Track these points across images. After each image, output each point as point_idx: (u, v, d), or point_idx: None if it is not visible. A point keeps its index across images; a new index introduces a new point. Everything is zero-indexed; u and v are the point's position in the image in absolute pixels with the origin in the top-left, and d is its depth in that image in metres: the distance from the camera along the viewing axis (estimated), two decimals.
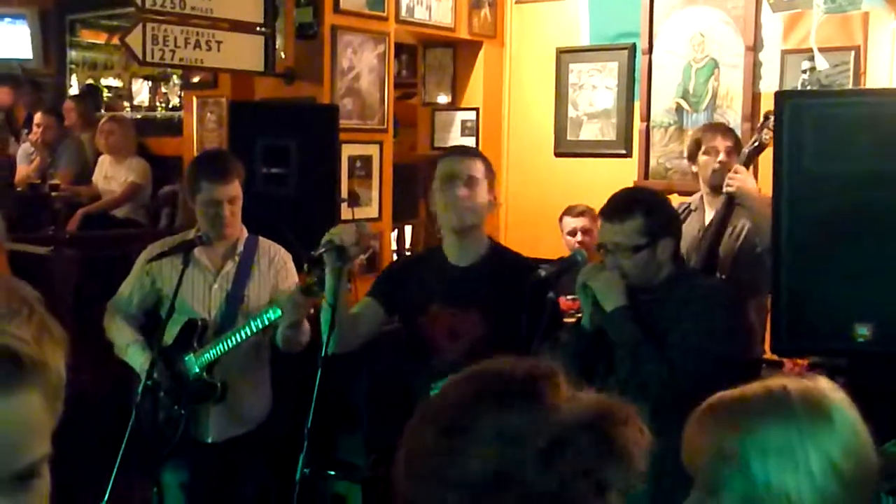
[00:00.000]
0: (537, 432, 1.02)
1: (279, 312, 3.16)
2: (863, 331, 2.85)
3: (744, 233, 3.99)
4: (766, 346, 4.00)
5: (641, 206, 2.86)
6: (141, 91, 8.76)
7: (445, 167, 3.08)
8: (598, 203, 3.11)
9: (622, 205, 2.88)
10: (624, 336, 2.77)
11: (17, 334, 0.81)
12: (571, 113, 6.08)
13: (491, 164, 3.22)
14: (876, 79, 4.83)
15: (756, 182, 3.94)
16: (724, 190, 3.90)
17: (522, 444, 1.02)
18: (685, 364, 2.67)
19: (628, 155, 5.81)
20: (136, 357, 3.39)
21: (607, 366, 2.86)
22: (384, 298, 3.13)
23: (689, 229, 4.01)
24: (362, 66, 5.41)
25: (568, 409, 1.05)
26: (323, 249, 2.83)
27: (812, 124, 2.97)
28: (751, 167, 4.01)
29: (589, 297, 2.87)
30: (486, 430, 1.03)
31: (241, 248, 3.51)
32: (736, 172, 3.86)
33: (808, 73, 4.91)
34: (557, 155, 6.14)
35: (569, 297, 4.68)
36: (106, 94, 8.63)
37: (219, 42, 4.96)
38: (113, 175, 6.47)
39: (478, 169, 3.06)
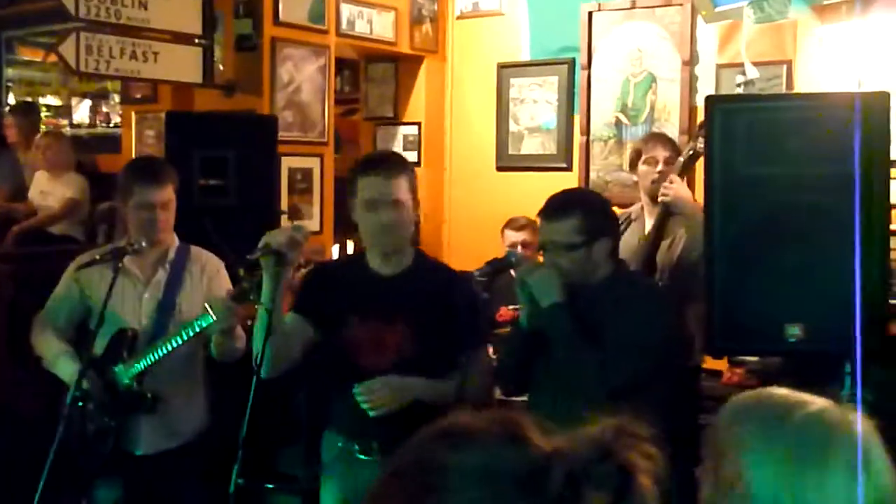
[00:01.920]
0: (540, 474, 0.83)
1: (210, 320, 3.10)
2: (794, 330, 2.88)
3: (681, 242, 4.03)
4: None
5: (578, 206, 2.88)
6: (80, 109, 8.64)
7: (370, 189, 2.85)
8: None
9: (559, 204, 2.90)
10: (559, 332, 2.78)
11: None
12: (513, 127, 6.11)
13: (413, 170, 2.99)
14: (806, 89, 4.93)
15: (692, 191, 4.00)
16: (660, 199, 3.95)
17: (536, 492, 0.83)
18: (619, 360, 2.68)
19: (569, 168, 5.85)
20: (66, 368, 3.31)
21: (545, 364, 2.86)
22: (308, 312, 2.95)
23: (629, 239, 4.04)
24: (303, 78, 5.39)
25: (566, 444, 0.86)
26: (259, 253, 2.75)
27: (742, 128, 2.99)
28: (685, 177, 4.06)
29: (527, 295, 2.87)
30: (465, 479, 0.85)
31: (172, 256, 3.45)
32: (671, 182, 3.91)
33: (742, 86, 4.98)
34: (499, 169, 6.16)
35: (510, 306, 4.69)
36: (45, 112, 8.49)
37: (156, 53, 4.92)
38: (50, 191, 6.35)
39: (403, 189, 2.84)
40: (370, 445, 2.86)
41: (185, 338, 3.19)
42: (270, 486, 3.92)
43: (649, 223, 4.17)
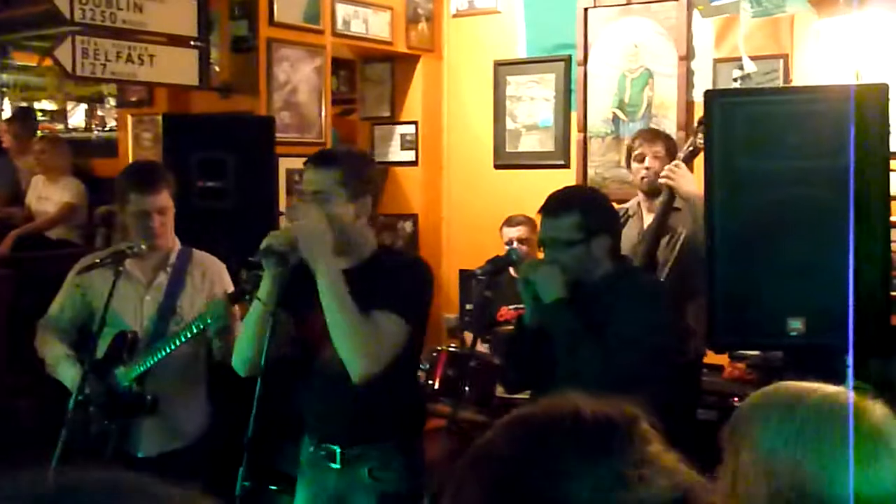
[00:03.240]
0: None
1: (208, 321, 3.12)
2: (795, 324, 2.89)
3: (681, 238, 4.04)
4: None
5: (578, 203, 2.89)
6: (76, 113, 8.64)
7: (304, 175, 2.84)
8: None
9: (559, 201, 2.91)
10: (562, 327, 2.79)
11: None
12: (510, 125, 6.11)
13: (366, 167, 2.91)
14: (803, 82, 4.93)
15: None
16: (660, 181, 3.96)
17: None
18: (620, 354, 2.68)
19: (566, 165, 5.85)
20: (67, 372, 3.31)
21: (548, 361, 2.86)
22: (286, 306, 2.85)
23: (627, 234, 4.04)
24: (299, 79, 5.39)
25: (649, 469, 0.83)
26: (262, 255, 2.72)
27: (741, 123, 3.01)
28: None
29: (530, 293, 2.88)
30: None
31: (173, 259, 3.45)
32: (676, 167, 3.92)
33: (739, 81, 4.99)
34: (497, 167, 6.16)
35: (510, 307, 4.69)
36: (41, 117, 8.48)
37: (152, 56, 4.91)
38: (47, 195, 6.34)
39: (329, 181, 2.74)
40: (334, 453, 2.85)
41: (184, 339, 3.20)
42: (274, 487, 3.91)
43: (647, 218, 4.18)
